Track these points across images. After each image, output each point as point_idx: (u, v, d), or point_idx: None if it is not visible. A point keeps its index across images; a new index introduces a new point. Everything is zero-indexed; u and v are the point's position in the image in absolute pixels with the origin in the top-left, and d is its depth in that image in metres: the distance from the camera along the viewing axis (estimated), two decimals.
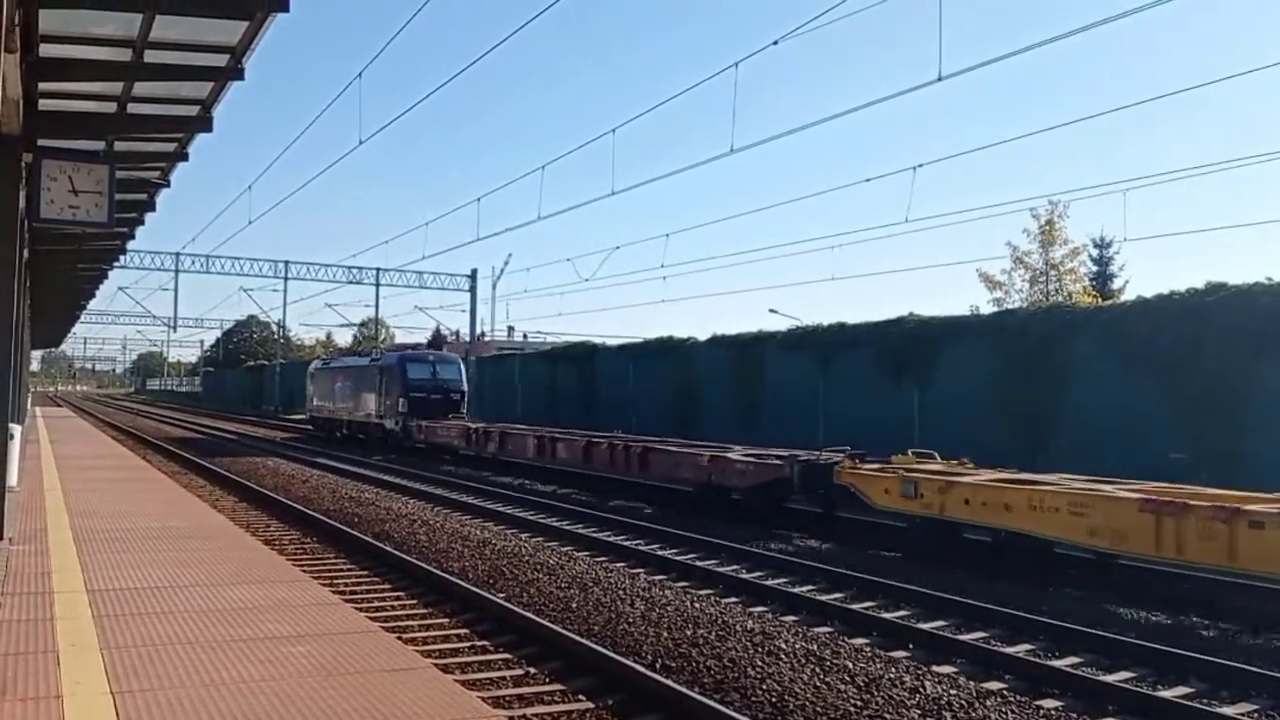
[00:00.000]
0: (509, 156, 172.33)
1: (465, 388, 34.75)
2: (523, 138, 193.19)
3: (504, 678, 7.34)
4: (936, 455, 14.88)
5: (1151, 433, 16.83)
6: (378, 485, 21.34)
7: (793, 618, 9.63)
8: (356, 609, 8.07)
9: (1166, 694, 7.42)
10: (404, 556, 11.76)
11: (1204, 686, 7.65)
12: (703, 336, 31.01)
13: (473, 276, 48.17)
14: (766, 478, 15.82)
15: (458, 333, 64.09)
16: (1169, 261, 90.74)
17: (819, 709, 6.47)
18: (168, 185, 14.41)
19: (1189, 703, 7.19)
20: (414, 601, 9.85)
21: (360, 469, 25.41)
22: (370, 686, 5.21)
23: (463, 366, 36.02)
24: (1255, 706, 7.25)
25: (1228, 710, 7.06)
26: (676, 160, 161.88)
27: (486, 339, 62.34)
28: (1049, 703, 7.08)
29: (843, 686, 6.94)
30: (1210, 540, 9.61)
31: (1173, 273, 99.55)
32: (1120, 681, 7.66)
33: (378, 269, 48.21)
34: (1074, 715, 6.68)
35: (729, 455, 17.15)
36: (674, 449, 19.17)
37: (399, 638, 7.36)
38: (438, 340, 64.80)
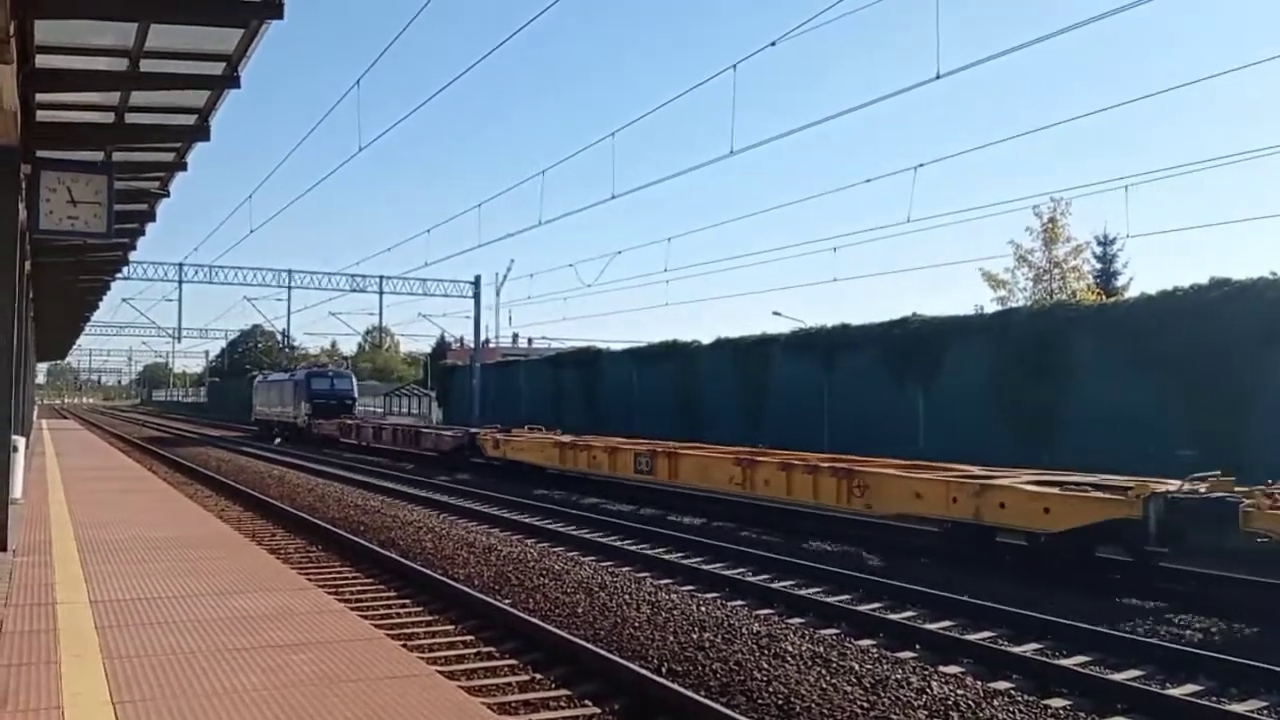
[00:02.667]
0: (509, 162, 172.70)
1: (355, 395, 48.15)
2: (523, 143, 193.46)
3: (509, 684, 7.30)
4: None
5: (1158, 429, 16.75)
6: (384, 494, 21.33)
7: (798, 620, 9.60)
8: (361, 616, 8.03)
9: (1175, 692, 7.38)
10: (409, 564, 11.74)
11: (1211, 684, 7.61)
12: (706, 340, 31.02)
13: (476, 283, 48.08)
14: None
15: (462, 339, 64.04)
16: (1173, 258, 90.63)
17: (825, 711, 6.42)
18: (167, 195, 14.43)
19: (1198, 700, 7.14)
20: (419, 609, 9.83)
21: (368, 477, 25.51)
22: (373, 694, 5.17)
23: (354, 379, 49.89)
24: (1264, 704, 7.20)
25: (1237, 708, 7.01)
26: (677, 163, 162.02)
27: (491, 345, 62.32)
28: (1057, 701, 7.04)
29: (849, 688, 6.89)
30: None
31: (1177, 269, 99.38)
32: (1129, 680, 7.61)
33: (381, 277, 48.06)
34: (1082, 715, 6.61)
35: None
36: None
37: (403, 645, 7.33)
38: (441, 348, 64.87)
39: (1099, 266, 39.77)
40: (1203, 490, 10.63)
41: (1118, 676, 7.75)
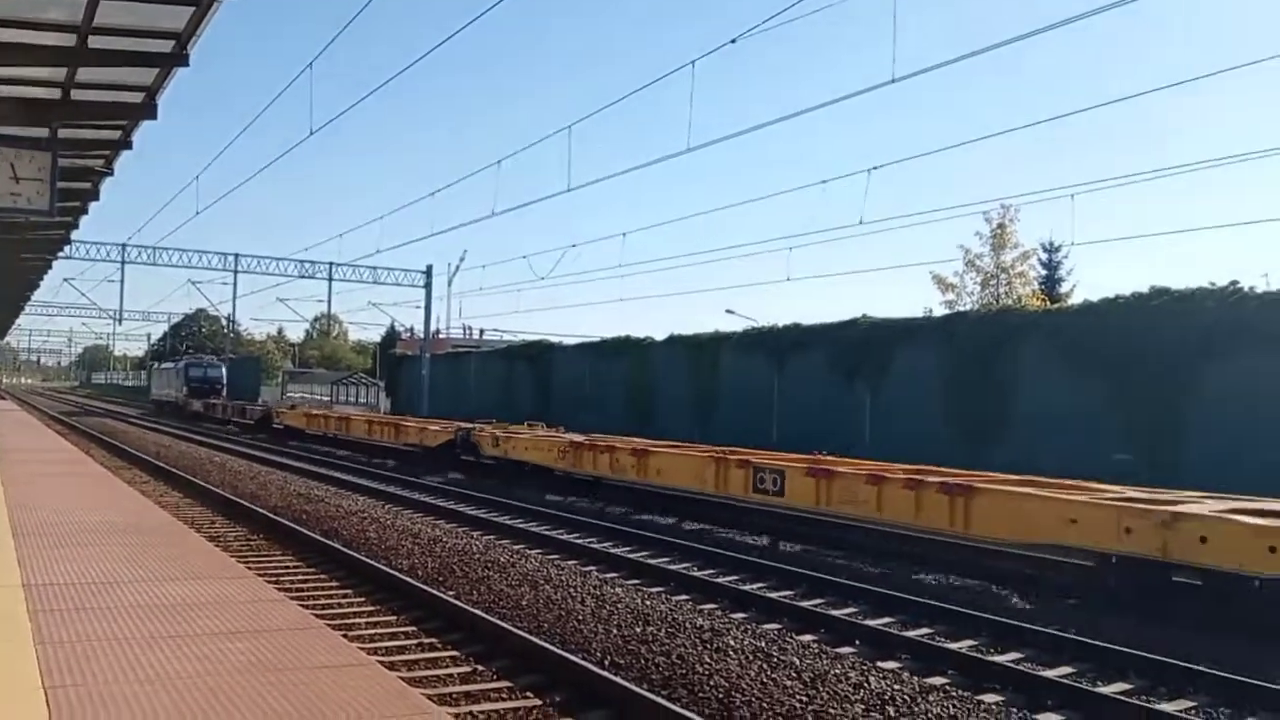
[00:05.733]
0: (464, 151, 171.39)
1: (224, 381, 59.75)
2: (478, 132, 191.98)
3: (451, 675, 7.28)
4: None
5: (1097, 433, 17.12)
6: (328, 483, 21.15)
7: (741, 615, 9.67)
8: (301, 606, 7.94)
9: (1106, 690, 7.55)
10: (352, 553, 11.64)
11: (1141, 682, 7.79)
12: (660, 336, 31.14)
13: (428, 273, 47.74)
14: None
15: (412, 329, 63.51)
16: (1116, 266, 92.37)
17: (765, 704, 6.49)
18: (112, 174, 14.17)
19: (1128, 699, 7.31)
20: (361, 599, 9.75)
21: (313, 465, 25.26)
22: (311, 683, 5.12)
23: (224, 368, 62.00)
24: (1192, 704, 7.38)
25: (1167, 707, 7.19)
26: (634, 158, 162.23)
27: (442, 336, 61.86)
28: (990, 697, 7.17)
29: (789, 682, 6.96)
30: None
31: (1120, 277, 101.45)
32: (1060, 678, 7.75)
33: (330, 263, 47.52)
34: (1014, 710, 6.75)
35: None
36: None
37: (344, 634, 7.27)
38: (391, 338, 64.27)
39: (1045, 273, 40.52)
40: None
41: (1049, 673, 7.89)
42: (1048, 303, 30.86)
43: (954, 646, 8.60)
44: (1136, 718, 6.92)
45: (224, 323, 79.53)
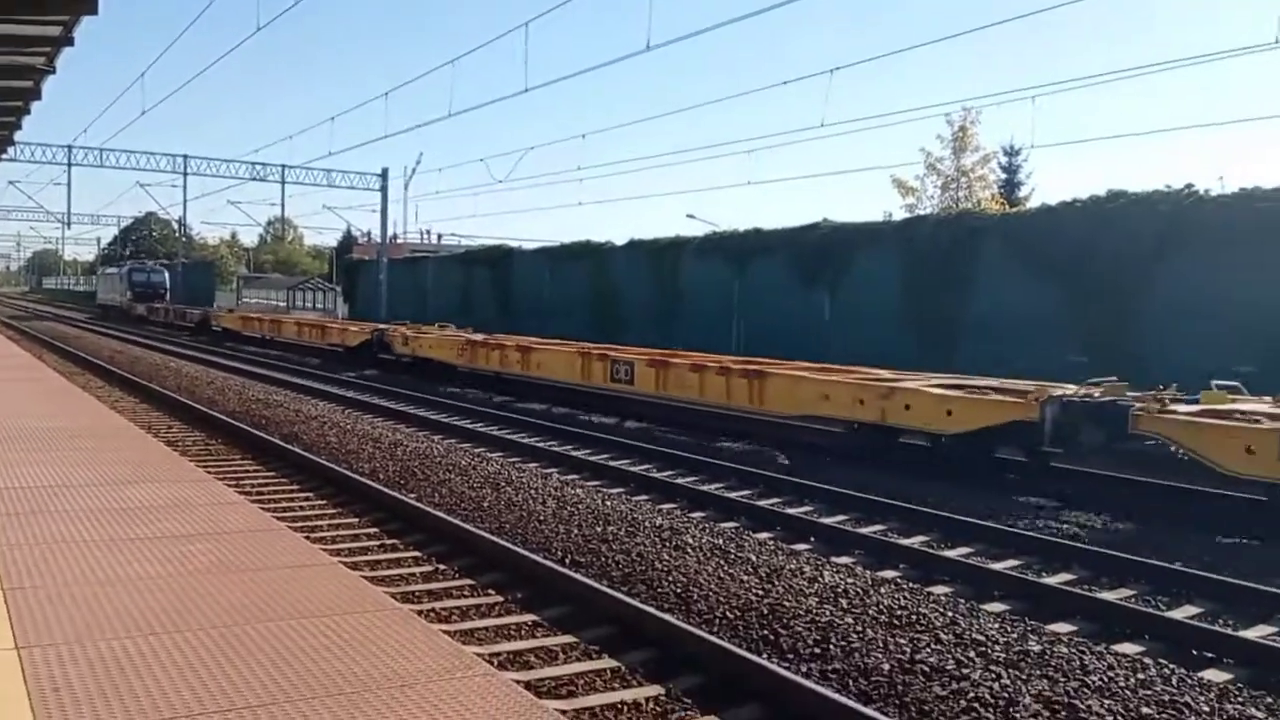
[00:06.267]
0: (419, 49, 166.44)
1: (167, 286, 59.92)
2: (433, 29, 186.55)
3: (413, 574, 7.38)
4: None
5: (1054, 336, 17.37)
6: (287, 388, 21.02)
7: (700, 514, 9.86)
8: (262, 508, 7.97)
9: (1051, 581, 7.82)
10: (312, 457, 11.64)
11: (1085, 573, 8.09)
12: (620, 240, 30.91)
13: (383, 175, 46.76)
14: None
15: (369, 234, 62.63)
16: (1076, 169, 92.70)
17: (721, 598, 6.65)
18: (54, 72, 13.62)
19: (1073, 589, 7.58)
20: (323, 502, 9.79)
21: (263, 369, 25.10)
22: (273, 582, 5.17)
23: (167, 274, 61.53)
24: (1132, 592, 7.68)
25: (1108, 595, 7.47)
26: (593, 57, 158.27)
27: (399, 241, 61.07)
28: (939, 589, 7.41)
29: (745, 577, 7.13)
30: None
31: (1079, 180, 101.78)
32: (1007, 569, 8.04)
33: (283, 166, 46.36)
34: (961, 600, 6.97)
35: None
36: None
37: (306, 536, 7.32)
38: (348, 242, 63.37)
39: (1005, 176, 40.58)
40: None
41: (996, 566, 8.19)
42: (1007, 206, 30.98)
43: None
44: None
45: (175, 226, 77.79)
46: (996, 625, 6.21)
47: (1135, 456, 10.93)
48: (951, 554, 8.56)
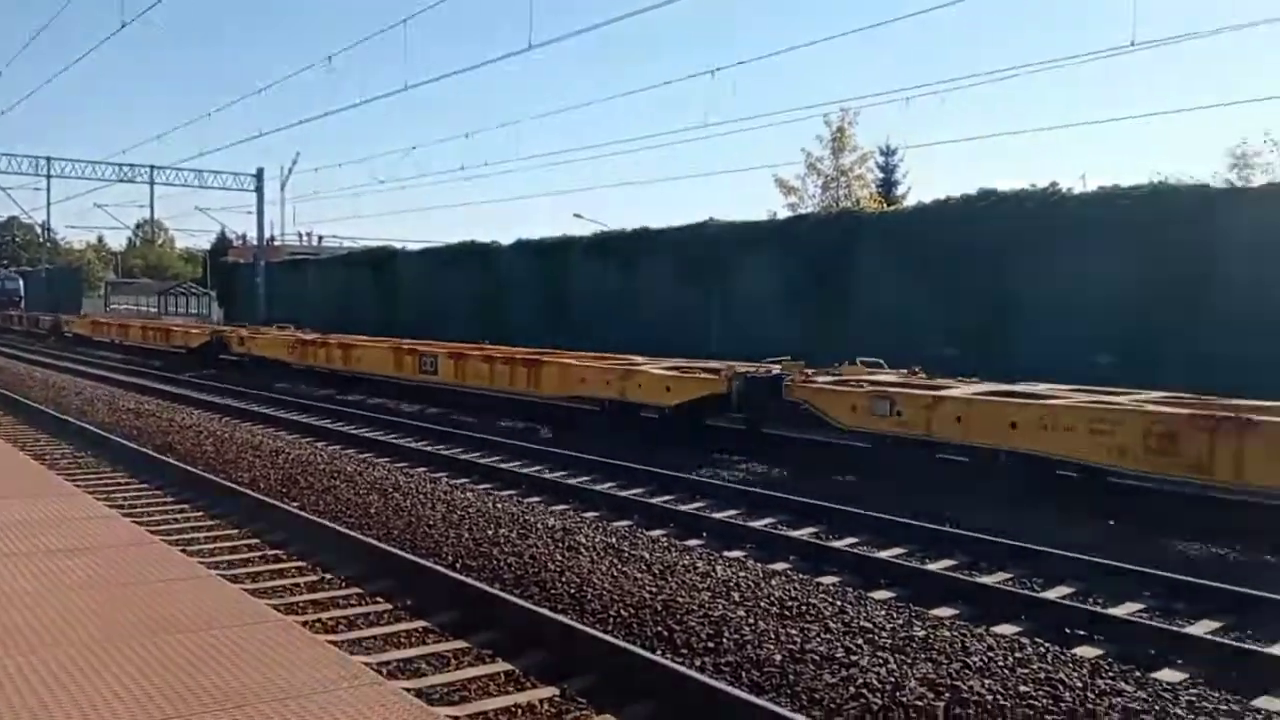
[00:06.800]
0: (294, 46, 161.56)
1: (22, 294, 60.66)
2: (309, 26, 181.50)
3: (297, 584, 7.17)
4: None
5: (928, 331, 17.91)
6: (159, 396, 20.24)
7: (593, 514, 9.86)
8: (136, 523, 7.68)
9: (933, 567, 8.08)
10: (188, 468, 11.21)
11: (964, 559, 8.38)
12: (508, 240, 30.66)
13: (259, 176, 45.38)
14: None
15: (244, 236, 60.65)
16: (949, 168, 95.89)
17: (616, 596, 6.65)
18: None
19: (952, 574, 7.84)
20: (199, 514, 9.43)
21: (136, 379, 24.12)
22: (148, 596, 4.98)
23: (21, 281, 62.72)
24: (1009, 575, 7.98)
25: (985, 579, 7.75)
26: (475, 55, 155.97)
27: (277, 243, 59.33)
28: (828, 579, 7.57)
29: (639, 574, 7.15)
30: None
31: (952, 179, 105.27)
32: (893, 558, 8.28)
33: (151, 166, 44.53)
34: (849, 589, 7.14)
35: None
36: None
37: (183, 550, 7.07)
38: (222, 245, 61.29)
39: (882, 175, 41.74)
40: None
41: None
42: (885, 205, 31.86)
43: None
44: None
45: (39, 231, 74.13)
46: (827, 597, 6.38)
47: (794, 417, 13.01)
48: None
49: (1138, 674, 5.51)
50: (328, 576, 7.33)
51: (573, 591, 6.81)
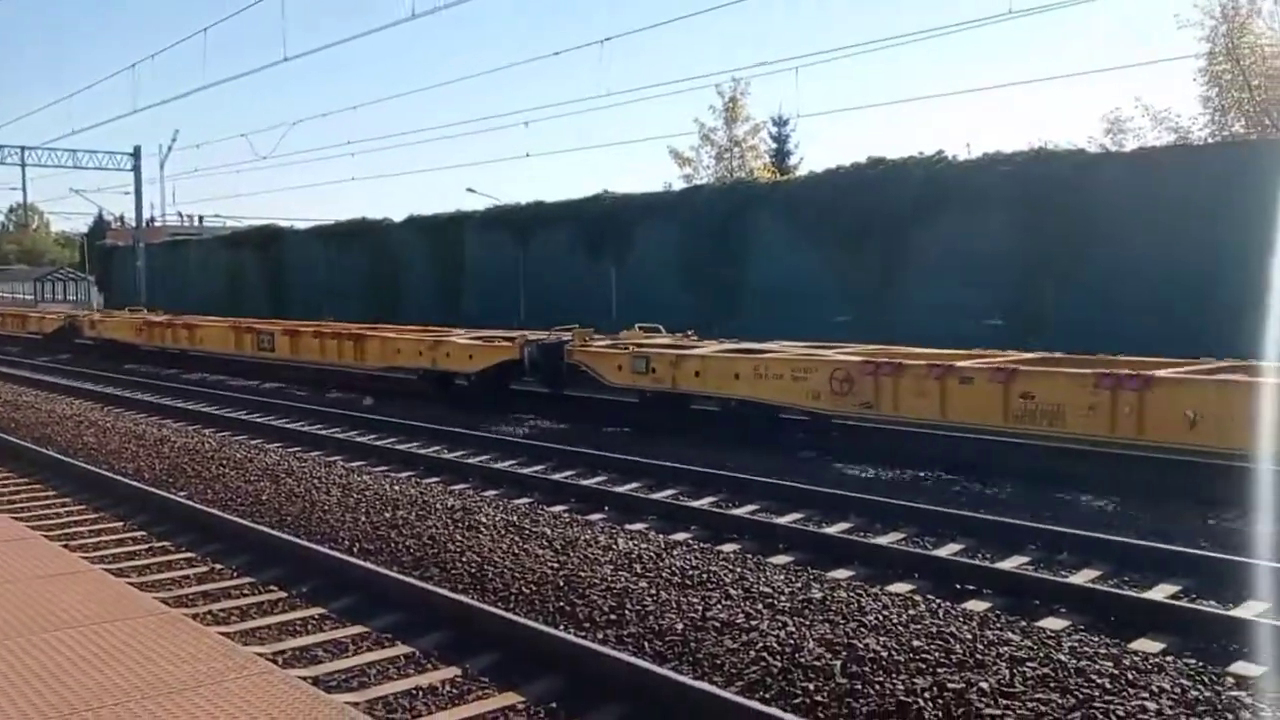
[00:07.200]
0: (168, 17, 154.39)
1: None
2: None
3: (187, 576, 6.94)
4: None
5: (822, 298, 18.21)
6: (37, 387, 19.38)
7: (494, 492, 9.78)
8: (14, 518, 7.36)
9: (831, 530, 8.24)
10: (68, 460, 10.76)
11: (861, 520, 8.56)
12: (399, 217, 30.06)
13: (136, 154, 43.45)
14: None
15: (123, 217, 58.24)
16: (839, 137, 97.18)
17: (517, 574, 6.62)
18: None
19: (848, 536, 8.02)
20: (81, 507, 9.06)
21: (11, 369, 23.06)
22: (27, 594, 4.77)
23: None
24: (903, 535, 8.20)
25: (881, 540, 7.94)
26: (357, 25, 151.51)
27: (157, 224, 57.11)
28: (728, 546, 7.67)
29: (541, 551, 7.13)
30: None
31: (843, 148, 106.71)
32: (791, 523, 8.42)
33: (22, 147, 42.27)
34: (749, 555, 7.24)
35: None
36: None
37: (64, 545, 6.81)
38: (100, 228, 58.78)
39: (775, 145, 42.14)
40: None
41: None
42: (778, 175, 32.21)
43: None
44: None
45: None
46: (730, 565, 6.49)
47: (577, 379, 14.33)
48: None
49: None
50: (218, 567, 7.12)
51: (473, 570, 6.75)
